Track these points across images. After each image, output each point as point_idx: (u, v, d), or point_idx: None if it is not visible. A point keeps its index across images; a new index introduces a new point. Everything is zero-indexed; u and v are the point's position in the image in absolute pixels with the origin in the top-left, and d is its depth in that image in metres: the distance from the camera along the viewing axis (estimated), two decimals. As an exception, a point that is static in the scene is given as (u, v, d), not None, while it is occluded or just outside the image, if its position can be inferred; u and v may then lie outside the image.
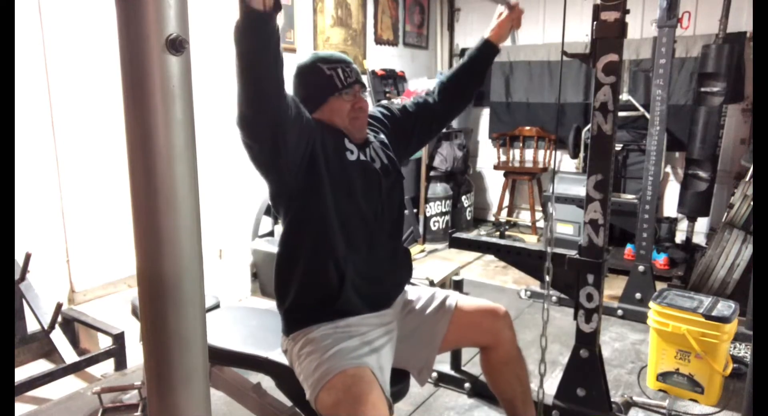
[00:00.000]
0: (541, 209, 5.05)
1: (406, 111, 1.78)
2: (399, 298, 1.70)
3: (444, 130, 4.84)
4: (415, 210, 4.55)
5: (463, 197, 5.02)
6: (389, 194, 1.63)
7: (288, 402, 1.68)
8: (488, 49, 1.76)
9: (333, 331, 1.49)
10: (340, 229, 1.51)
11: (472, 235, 4.10)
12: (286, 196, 1.52)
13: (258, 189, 3.78)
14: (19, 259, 2.54)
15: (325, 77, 1.53)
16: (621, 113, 3.75)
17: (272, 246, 3.53)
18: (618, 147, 4.43)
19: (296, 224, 1.54)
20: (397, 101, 3.99)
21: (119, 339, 2.58)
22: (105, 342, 2.71)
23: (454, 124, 5.01)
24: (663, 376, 2.40)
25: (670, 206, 4.50)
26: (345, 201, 1.52)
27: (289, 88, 1.40)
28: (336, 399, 1.33)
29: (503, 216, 5.23)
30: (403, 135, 1.76)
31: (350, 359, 1.41)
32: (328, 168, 1.49)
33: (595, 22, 1.86)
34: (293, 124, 1.40)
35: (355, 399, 1.30)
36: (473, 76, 1.80)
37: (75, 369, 2.46)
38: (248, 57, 1.27)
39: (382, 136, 1.71)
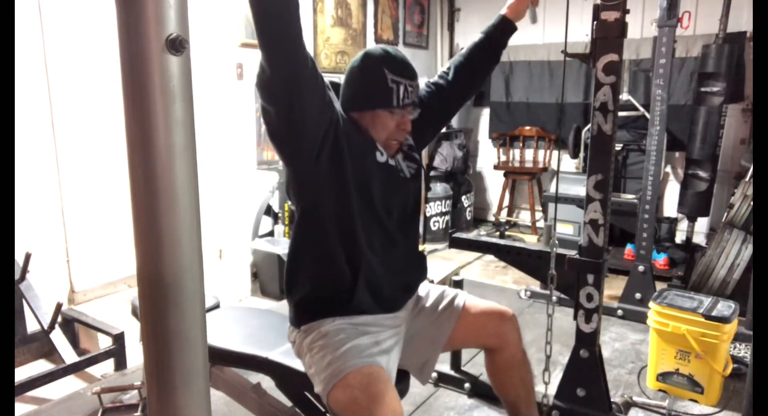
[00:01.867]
0: (541, 209, 5.05)
1: (422, 100, 1.67)
2: (411, 300, 1.69)
3: (444, 130, 4.86)
4: (415, 210, 4.54)
5: (463, 197, 5.02)
6: (409, 200, 1.60)
7: (288, 402, 1.68)
8: (504, 26, 1.67)
9: (346, 326, 1.48)
10: (357, 228, 1.46)
11: (472, 235, 4.09)
12: (307, 183, 1.45)
13: (258, 189, 3.78)
14: (19, 259, 2.54)
15: (384, 88, 1.45)
16: (621, 113, 3.75)
17: (272, 246, 3.53)
18: (618, 147, 4.43)
19: (313, 216, 1.48)
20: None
21: (119, 339, 2.57)
22: (105, 342, 2.71)
23: (454, 124, 5.01)
24: (663, 376, 2.40)
25: (670, 206, 4.50)
26: (365, 200, 1.47)
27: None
28: (352, 397, 1.32)
29: (503, 216, 5.23)
30: (420, 125, 1.67)
31: (364, 357, 1.40)
32: (353, 163, 1.43)
33: (595, 22, 1.86)
34: (310, 83, 1.32)
35: (372, 397, 1.30)
36: (488, 55, 1.71)
37: (75, 369, 2.46)
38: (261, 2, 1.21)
39: (410, 140, 1.65)
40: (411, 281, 1.69)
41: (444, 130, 4.85)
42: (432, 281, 3.19)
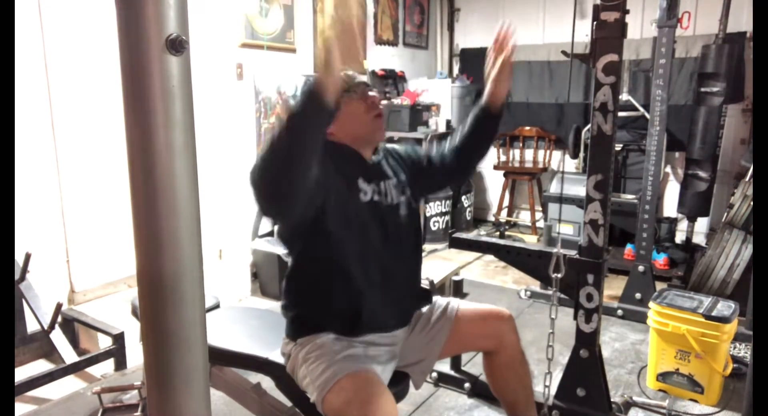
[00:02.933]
0: (541, 209, 5.05)
1: (430, 161, 1.74)
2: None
3: (444, 130, 4.87)
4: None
5: (463, 197, 5.02)
6: (404, 230, 1.61)
7: (288, 402, 1.68)
8: (489, 116, 1.68)
9: (342, 338, 1.50)
10: (353, 267, 1.49)
11: (472, 235, 4.09)
12: (297, 234, 1.50)
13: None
14: (19, 259, 2.54)
15: None
16: (621, 113, 3.75)
17: (272, 246, 3.53)
18: (618, 147, 4.43)
19: (306, 258, 1.53)
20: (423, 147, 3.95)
21: (119, 339, 2.58)
22: (105, 342, 2.71)
23: (454, 124, 5.01)
24: (663, 376, 2.40)
25: (670, 206, 4.50)
26: (358, 240, 1.49)
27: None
28: (345, 400, 1.33)
29: (503, 216, 5.23)
30: (421, 182, 1.72)
31: (359, 363, 1.42)
32: (341, 209, 1.45)
33: (595, 22, 1.86)
34: (313, 200, 1.35)
35: (365, 399, 1.30)
36: (481, 142, 1.77)
37: (75, 369, 2.46)
38: (294, 146, 1.18)
39: (403, 176, 1.65)
40: (412, 308, 1.69)
41: (444, 130, 4.86)
42: (432, 282, 3.19)
